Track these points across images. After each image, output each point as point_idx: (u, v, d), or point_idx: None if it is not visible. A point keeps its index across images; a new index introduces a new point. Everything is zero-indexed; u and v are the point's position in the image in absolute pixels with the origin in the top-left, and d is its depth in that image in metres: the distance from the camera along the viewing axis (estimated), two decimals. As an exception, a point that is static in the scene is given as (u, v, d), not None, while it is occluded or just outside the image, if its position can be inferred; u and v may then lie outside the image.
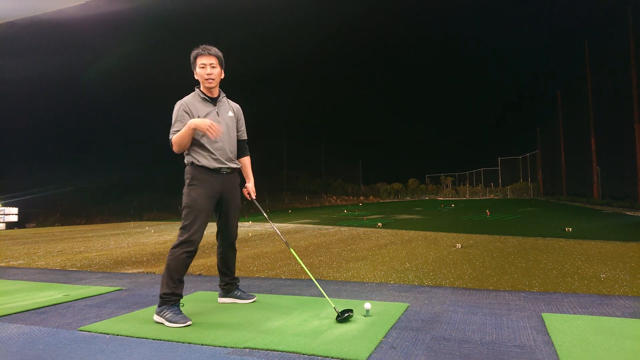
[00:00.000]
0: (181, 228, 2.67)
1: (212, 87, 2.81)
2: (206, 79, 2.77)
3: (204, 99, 2.81)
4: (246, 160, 3.08)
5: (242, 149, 3.04)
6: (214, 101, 2.84)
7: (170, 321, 2.48)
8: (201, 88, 2.83)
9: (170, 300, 2.56)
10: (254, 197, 3.06)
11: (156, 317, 2.57)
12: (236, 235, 3.02)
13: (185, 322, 2.47)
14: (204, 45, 2.79)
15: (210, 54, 2.78)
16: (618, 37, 13.97)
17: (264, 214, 3.09)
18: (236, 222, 2.99)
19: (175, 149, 2.71)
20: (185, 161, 2.80)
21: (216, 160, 2.77)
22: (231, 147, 2.89)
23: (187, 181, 2.75)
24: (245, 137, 3.07)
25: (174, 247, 2.64)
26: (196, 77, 2.83)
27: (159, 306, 2.57)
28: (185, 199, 2.71)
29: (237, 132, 2.99)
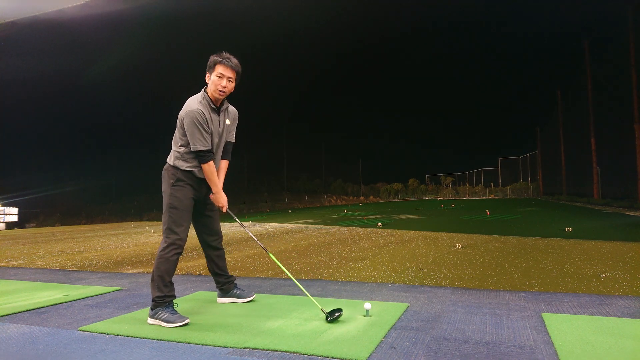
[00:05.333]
0: (167, 229, 2.64)
1: (220, 98, 2.77)
2: (219, 90, 2.70)
3: (213, 109, 2.74)
4: (223, 164, 2.92)
5: (226, 151, 2.93)
6: (218, 110, 2.79)
7: (167, 321, 2.47)
8: (209, 93, 2.74)
9: (164, 302, 2.55)
10: (222, 209, 2.88)
11: (151, 321, 2.55)
12: (219, 235, 2.98)
13: (183, 321, 2.46)
14: (227, 55, 2.71)
15: (231, 68, 2.71)
16: (618, 37, 13.97)
17: (237, 219, 2.98)
18: (216, 223, 2.97)
19: (204, 168, 2.69)
20: (173, 163, 2.73)
21: None
22: (220, 156, 2.89)
23: (170, 181, 2.70)
24: (234, 141, 2.96)
25: (164, 250, 2.61)
26: (207, 81, 2.74)
27: (153, 309, 2.56)
28: (169, 199, 2.67)
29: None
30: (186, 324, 2.46)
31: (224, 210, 2.86)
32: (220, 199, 2.82)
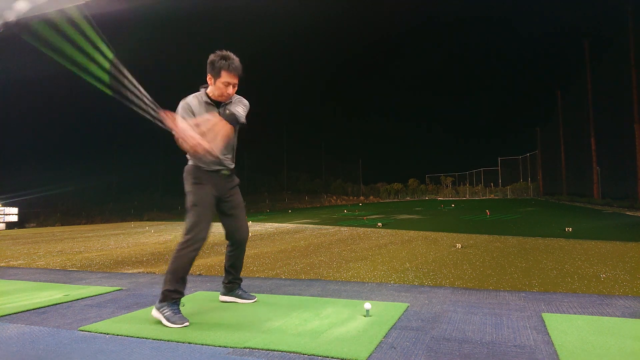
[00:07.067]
0: (188, 227, 2.67)
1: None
2: (224, 96, 2.70)
3: (207, 102, 2.72)
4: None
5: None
6: (217, 104, 2.76)
7: (168, 320, 2.47)
8: (208, 92, 2.72)
9: (172, 297, 2.56)
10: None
11: (155, 312, 2.55)
12: (240, 234, 2.96)
13: (183, 323, 2.46)
14: (231, 56, 2.65)
15: (237, 75, 2.68)
16: (618, 37, 13.97)
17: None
18: (237, 221, 2.94)
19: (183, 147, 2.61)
20: (192, 162, 2.75)
21: (215, 163, 2.76)
22: (228, 149, 2.84)
23: (191, 180, 2.72)
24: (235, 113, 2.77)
25: (181, 245, 2.63)
26: (209, 82, 2.69)
27: (160, 302, 2.56)
28: (191, 197, 2.69)
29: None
30: (185, 327, 2.46)
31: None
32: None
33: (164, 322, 2.48)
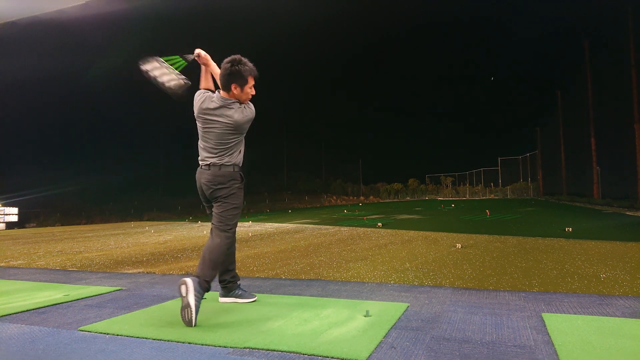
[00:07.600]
0: (232, 227, 2.85)
1: None
2: (249, 98, 2.86)
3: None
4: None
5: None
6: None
7: (196, 308, 2.45)
8: (237, 98, 2.80)
9: (206, 289, 2.60)
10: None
11: (190, 292, 2.45)
12: None
13: (194, 323, 2.45)
14: (247, 61, 2.78)
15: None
16: (618, 37, 13.97)
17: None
18: None
19: None
20: (237, 162, 2.84)
21: None
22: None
23: (236, 184, 2.83)
24: None
25: (227, 242, 2.78)
26: (235, 91, 2.75)
27: (200, 285, 2.53)
28: (235, 200, 2.83)
29: None
30: (189, 327, 2.44)
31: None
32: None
33: (192, 306, 2.43)
